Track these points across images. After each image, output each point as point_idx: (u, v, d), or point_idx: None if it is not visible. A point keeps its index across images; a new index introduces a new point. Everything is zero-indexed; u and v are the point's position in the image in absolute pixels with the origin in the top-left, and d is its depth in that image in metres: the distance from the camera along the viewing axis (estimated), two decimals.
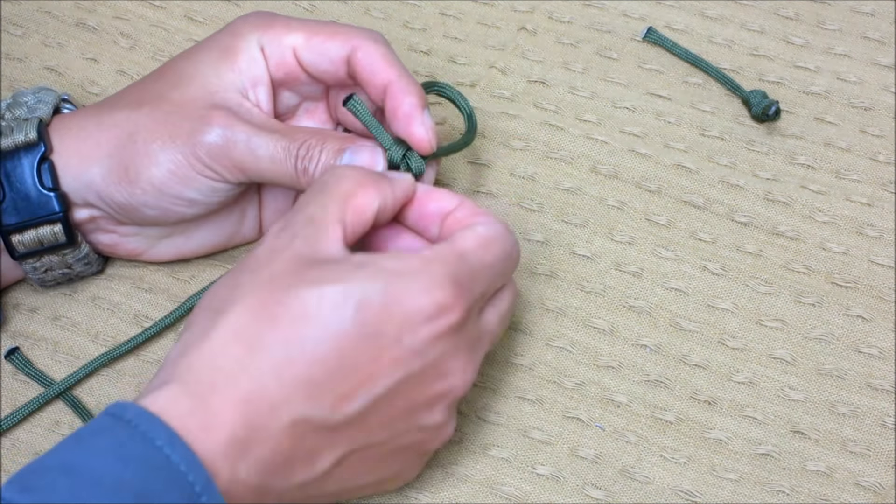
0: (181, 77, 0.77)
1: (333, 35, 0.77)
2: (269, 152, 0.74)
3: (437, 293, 0.67)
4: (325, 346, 0.65)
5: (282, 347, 0.65)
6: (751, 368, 0.78)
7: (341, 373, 0.65)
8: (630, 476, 0.75)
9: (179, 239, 0.80)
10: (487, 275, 0.70)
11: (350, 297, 0.65)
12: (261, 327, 0.65)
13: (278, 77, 0.77)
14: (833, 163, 0.85)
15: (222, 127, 0.75)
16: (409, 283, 0.66)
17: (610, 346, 0.79)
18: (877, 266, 0.82)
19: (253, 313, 0.66)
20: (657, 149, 0.86)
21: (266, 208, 0.82)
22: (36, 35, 0.91)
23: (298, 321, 0.65)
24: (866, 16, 0.91)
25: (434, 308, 0.67)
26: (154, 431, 0.63)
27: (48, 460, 0.63)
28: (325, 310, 0.65)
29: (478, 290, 0.69)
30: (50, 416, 0.78)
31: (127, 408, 0.64)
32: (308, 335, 0.65)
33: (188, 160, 0.75)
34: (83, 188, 0.76)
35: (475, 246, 0.69)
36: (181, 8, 0.93)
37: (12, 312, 0.81)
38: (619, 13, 0.91)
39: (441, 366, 0.68)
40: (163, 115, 0.76)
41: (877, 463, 0.75)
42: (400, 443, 0.69)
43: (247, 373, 0.65)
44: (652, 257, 0.82)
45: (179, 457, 0.62)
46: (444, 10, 0.92)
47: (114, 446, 0.62)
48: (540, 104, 0.88)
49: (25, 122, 0.76)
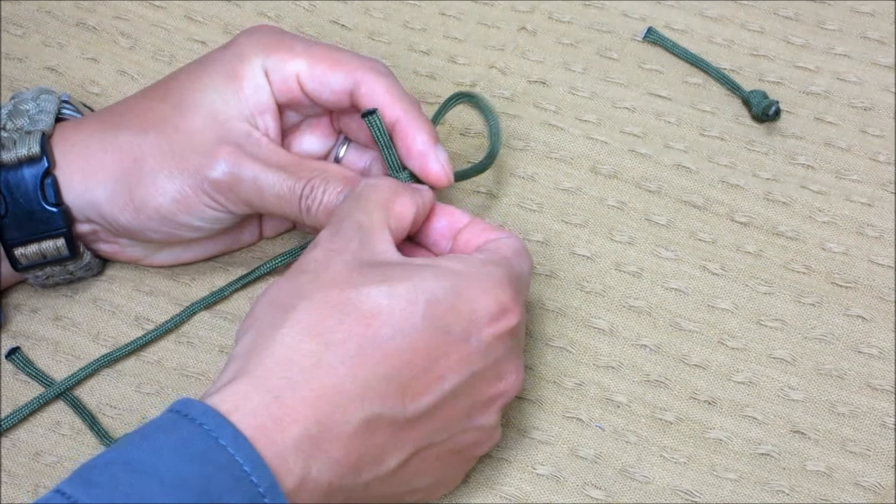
0: (186, 102, 0.76)
1: (335, 65, 0.76)
2: (274, 191, 0.75)
3: (501, 294, 0.68)
4: (397, 343, 0.65)
5: (356, 343, 0.65)
6: (751, 368, 0.78)
7: (413, 369, 0.66)
8: (630, 476, 0.76)
9: (178, 248, 0.80)
10: (525, 283, 0.72)
11: (420, 294, 0.66)
12: (333, 324, 0.65)
13: (282, 101, 0.77)
14: (833, 163, 0.85)
15: (229, 164, 0.75)
16: (474, 283, 0.67)
17: (610, 346, 0.79)
18: (877, 266, 0.82)
19: (323, 310, 0.65)
20: (657, 149, 0.86)
21: (266, 221, 0.82)
22: (36, 35, 0.91)
23: (370, 317, 0.65)
24: (866, 16, 0.91)
25: (498, 308, 0.68)
26: (219, 430, 0.62)
27: (111, 455, 0.62)
28: (397, 306, 0.66)
29: (524, 295, 0.71)
30: (50, 416, 0.78)
31: (192, 405, 0.63)
32: (381, 331, 0.65)
33: (195, 192, 0.75)
34: (86, 206, 0.76)
35: (513, 254, 0.71)
36: (181, 8, 0.93)
37: (13, 313, 0.81)
38: (619, 13, 0.91)
39: (499, 366, 0.69)
40: (169, 145, 0.75)
41: (877, 463, 0.75)
42: (457, 443, 0.69)
43: (321, 368, 0.64)
44: (652, 257, 0.82)
45: (244, 457, 0.62)
46: (444, 10, 0.92)
47: (178, 444, 0.62)
48: (540, 104, 0.88)
49: (28, 134, 0.76)
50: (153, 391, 0.79)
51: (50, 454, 0.77)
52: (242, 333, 0.67)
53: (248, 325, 0.67)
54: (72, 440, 0.77)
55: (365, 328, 0.65)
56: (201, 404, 0.63)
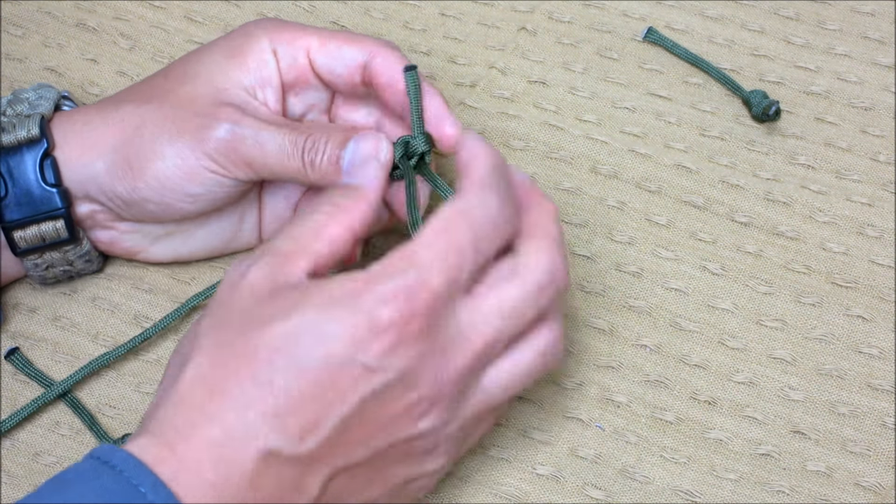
0: (188, 74, 0.77)
1: (349, 41, 0.77)
2: (276, 146, 0.75)
3: (385, 308, 0.65)
4: (279, 380, 0.65)
5: (238, 388, 0.65)
6: (751, 368, 0.78)
7: (301, 402, 0.65)
8: (630, 476, 0.75)
9: (177, 239, 0.80)
10: (449, 262, 0.67)
11: (293, 331, 0.65)
12: (217, 371, 0.65)
13: (289, 79, 0.78)
14: (833, 163, 0.85)
15: (230, 122, 0.75)
16: (355, 304, 0.65)
17: (610, 346, 0.79)
18: (877, 266, 0.82)
19: (210, 359, 0.66)
20: (657, 149, 0.86)
21: (266, 215, 0.82)
22: (36, 35, 0.91)
23: (249, 360, 0.65)
24: (866, 16, 0.91)
25: (385, 322, 0.65)
26: (139, 478, 0.63)
27: (32, 501, 0.63)
28: (273, 348, 0.65)
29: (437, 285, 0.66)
30: (50, 416, 0.78)
31: (114, 452, 0.64)
32: (261, 371, 0.65)
33: (195, 154, 0.75)
34: (86, 180, 0.77)
35: (429, 239, 0.67)
36: (181, 8, 0.93)
37: (12, 312, 0.81)
38: (619, 13, 0.91)
39: (408, 377, 0.66)
40: (170, 110, 0.76)
41: (877, 463, 0.75)
42: (388, 458, 0.68)
43: (208, 416, 0.65)
44: (652, 257, 0.82)
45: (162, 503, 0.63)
46: (444, 10, 0.92)
47: (99, 491, 0.63)
48: (540, 104, 0.88)
49: (27, 118, 0.77)
50: (152, 390, 0.79)
51: (49, 454, 0.77)
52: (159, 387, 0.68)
53: (162, 379, 0.69)
54: (71, 440, 0.77)
55: (245, 371, 0.65)
56: (122, 451, 0.64)
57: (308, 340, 0.65)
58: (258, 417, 0.64)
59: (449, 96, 0.88)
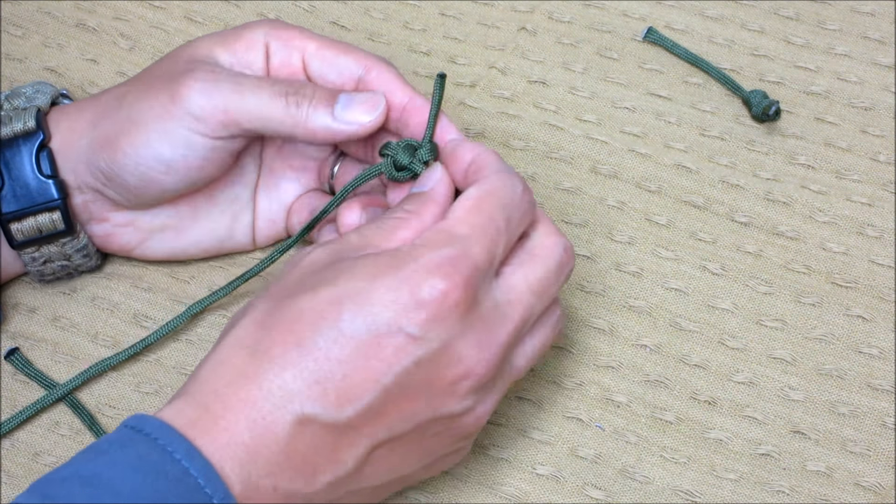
0: (178, 56, 0.78)
1: (347, 51, 0.77)
2: (254, 88, 0.74)
3: (430, 277, 0.66)
4: (321, 346, 0.65)
5: (280, 350, 0.65)
6: (751, 368, 0.78)
7: (343, 370, 0.65)
8: (630, 476, 0.75)
9: (170, 235, 0.80)
10: (488, 236, 0.68)
11: (342, 293, 0.66)
12: (261, 335, 0.66)
13: (279, 77, 0.77)
14: (833, 163, 0.85)
15: (206, 71, 0.75)
16: (399, 273, 0.66)
17: (610, 346, 0.79)
18: (877, 266, 0.82)
19: (257, 323, 0.67)
20: (657, 149, 0.86)
21: (259, 216, 0.82)
22: (36, 35, 0.91)
23: (294, 324, 0.66)
24: (866, 16, 0.91)
25: (429, 292, 0.66)
26: (173, 445, 0.63)
27: (67, 471, 0.63)
28: (317, 311, 0.66)
29: (478, 257, 0.67)
30: (50, 416, 0.78)
31: (147, 420, 0.64)
32: (305, 336, 0.65)
33: (169, 112, 0.75)
34: (75, 163, 0.77)
35: (465, 213, 0.69)
36: (181, 9, 0.93)
37: (11, 312, 0.81)
38: (619, 13, 0.91)
39: (451, 348, 0.67)
40: (150, 80, 0.76)
41: (877, 463, 0.75)
42: (429, 432, 0.68)
43: (247, 377, 0.65)
44: (652, 257, 0.82)
45: (197, 469, 0.63)
46: (444, 10, 0.92)
47: (132, 458, 0.63)
48: (540, 104, 0.88)
49: (24, 111, 0.77)
50: (152, 390, 0.79)
51: (49, 454, 0.77)
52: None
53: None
54: (71, 440, 0.77)
55: (288, 334, 0.65)
56: (155, 419, 0.64)
57: (352, 307, 0.66)
58: (297, 381, 0.65)
59: (449, 96, 0.88)
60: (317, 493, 0.66)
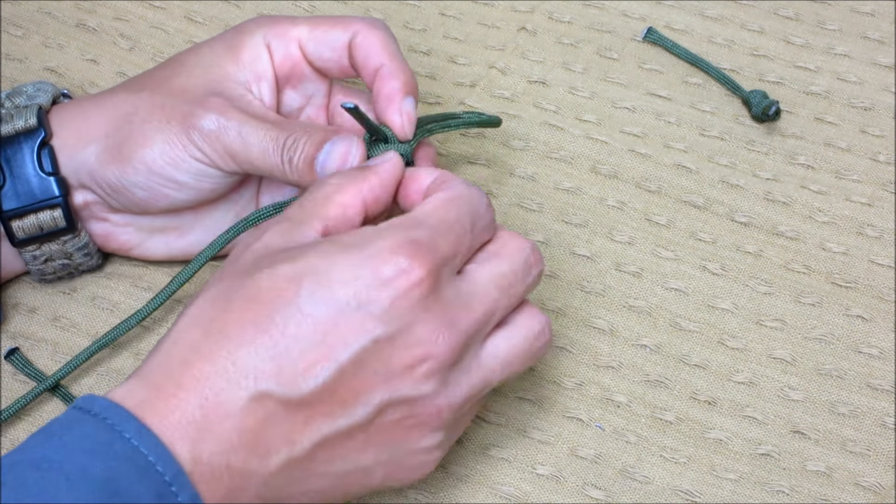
0: (184, 66, 0.78)
1: (336, 24, 0.78)
2: (258, 141, 0.75)
3: (393, 256, 0.66)
4: (279, 322, 0.65)
5: (236, 328, 0.65)
6: (751, 368, 0.78)
7: (300, 345, 0.65)
8: (630, 476, 0.75)
9: (171, 235, 0.81)
10: (454, 231, 0.68)
11: (302, 270, 0.65)
12: (216, 312, 0.66)
13: (283, 72, 0.78)
14: (833, 163, 0.85)
15: (217, 113, 0.75)
16: (362, 251, 0.66)
17: (610, 346, 0.79)
18: (877, 266, 0.82)
19: (212, 301, 0.66)
20: (657, 149, 0.86)
21: None
22: (36, 36, 0.91)
23: (252, 302, 0.65)
24: (866, 16, 0.91)
25: (392, 270, 0.66)
26: (122, 424, 0.63)
27: (17, 455, 0.63)
28: (276, 289, 0.65)
29: (443, 248, 0.67)
30: (48, 415, 0.78)
31: (95, 401, 0.64)
32: (262, 313, 0.65)
33: (181, 141, 0.76)
34: (79, 167, 0.77)
35: (433, 208, 0.69)
36: (181, 9, 0.93)
37: (11, 312, 0.81)
38: (619, 13, 0.91)
39: (411, 331, 0.66)
40: (161, 98, 0.76)
41: (877, 463, 0.75)
42: (387, 417, 0.67)
43: (201, 354, 0.65)
44: (652, 257, 0.82)
45: (148, 447, 0.62)
46: (444, 10, 0.92)
47: (81, 439, 0.63)
48: (540, 104, 0.88)
49: (25, 108, 0.78)
50: None
51: None
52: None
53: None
54: None
55: (245, 312, 0.65)
56: (103, 399, 0.64)
57: (312, 284, 0.65)
58: (253, 357, 0.64)
59: (449, 96, 0.88)
60: (272, 474, 0.65)
